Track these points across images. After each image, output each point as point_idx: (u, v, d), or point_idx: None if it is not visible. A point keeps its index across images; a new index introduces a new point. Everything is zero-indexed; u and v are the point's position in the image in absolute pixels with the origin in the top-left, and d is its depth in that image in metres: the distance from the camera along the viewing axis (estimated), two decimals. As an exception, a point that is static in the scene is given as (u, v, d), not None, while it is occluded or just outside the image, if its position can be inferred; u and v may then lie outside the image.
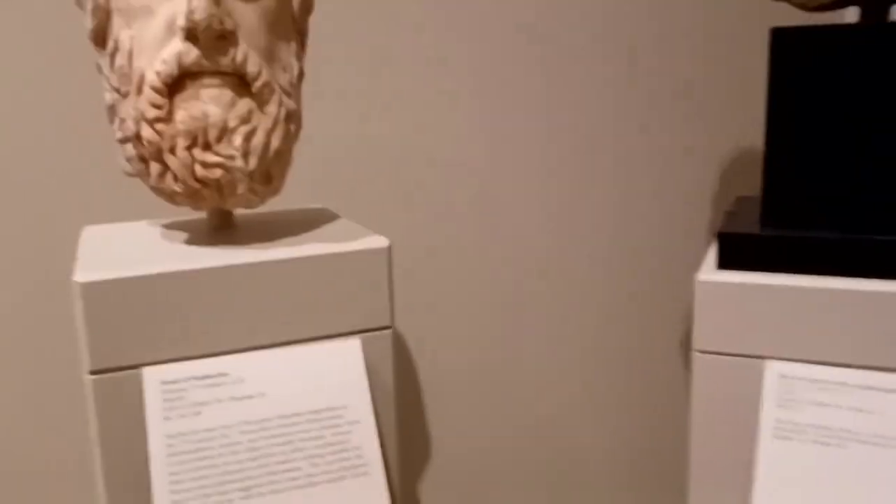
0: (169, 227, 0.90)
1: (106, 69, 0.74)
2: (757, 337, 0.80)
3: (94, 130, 0.94)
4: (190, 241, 0.82)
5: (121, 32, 0.72)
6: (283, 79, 0.76)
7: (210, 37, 0.69)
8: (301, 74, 0.81)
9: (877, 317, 0.75)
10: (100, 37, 0.75)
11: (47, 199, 1.03)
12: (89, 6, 0.73)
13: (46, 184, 1.03)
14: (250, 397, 0.74)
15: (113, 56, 0.73)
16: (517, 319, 1.35)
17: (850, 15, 0.85)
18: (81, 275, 0.69)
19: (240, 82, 0.72)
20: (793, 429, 0.77)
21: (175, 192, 0.74)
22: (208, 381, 0.73)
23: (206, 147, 0.72)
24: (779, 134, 0.83)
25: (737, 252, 0.83)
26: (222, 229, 0.86)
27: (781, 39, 0.81)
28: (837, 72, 0.79)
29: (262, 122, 0.74)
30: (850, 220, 0.80)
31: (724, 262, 0.84)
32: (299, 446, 0.74)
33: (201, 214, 0.87)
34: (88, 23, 0.74)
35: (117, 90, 0.73)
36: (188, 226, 0.89)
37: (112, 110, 0.74)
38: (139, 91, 0.71)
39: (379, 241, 0.80)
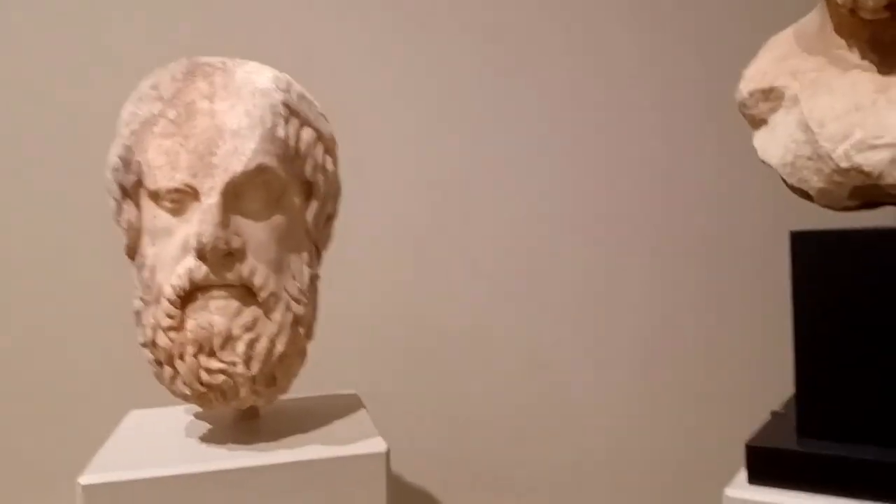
0: (198, 416, 0.94)
1: (135, 279, 0.82)
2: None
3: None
4: (207, 438, 0.86)
5: (147, 249, 0.80)
6: (292, 286, 0.81)
7: (217, 255, 0.75)
8: (314, 278, 0.85)
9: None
10: (132, 251, 0.83)
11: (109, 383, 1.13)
12: (124, 225, 0.83)
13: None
14: None
15: (140, 269, 0.81)
16: None
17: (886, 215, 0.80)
18: (86, 477, 0.74)
19: (247, 292, 0.78)
20: None
21: (185, 395, 0.79)
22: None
23: (211, 354, 0.76)
24: (806, 342, 0.77)
25: (767, 466, 0.76)
26: (246, 419, 0.90)
27: (803, 244, 0.77)
28: (864, 276, 0.73)
29: (268, 329, 0.78)
30: (885, 433, 0.72)
31: (755, 477, 0.77)
32: None
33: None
34: (124, 239, 0.83)
35: (142, 299, 0.80)
36: (216, 416, 0.93)
37: (138, 316, 0.81)
38: (157, 301, 0.78)
39: (377, 446, 0.81)
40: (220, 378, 0.77)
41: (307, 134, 0.83)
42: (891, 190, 0.71)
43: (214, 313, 0.76)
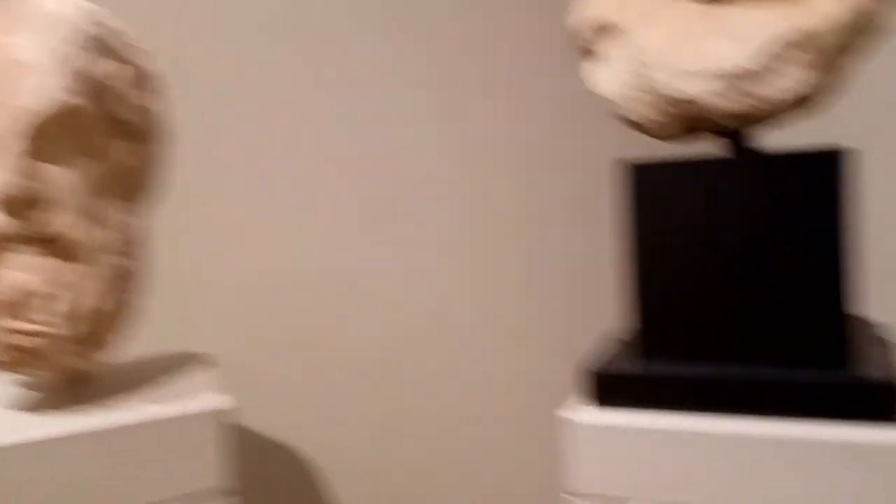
0: (23, 384, 0.87)
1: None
2: (622, 478, 0.74)
3: None
4: (30, 406, 0.79)
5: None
6: (111, 238, 0.74)
7: (20, 206, 0.68)
8: (138, 228, 0.79)
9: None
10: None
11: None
12: None
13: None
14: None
15: (-67, 225, 0.72)
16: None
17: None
18: None
19: (59, 247, 0.71)
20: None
21: (-2, 362, 0.72)
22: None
23: (22, 315, 0.69)
24: (646, 269, 0.79)
25: (612, 390, 0.79)
26: (76, 383, 0.83)
27: (640, 173, 0.78)
28: (701, 203, 0.76)
29: (87, 286, 0.72)
30: (723, 351, 0.76)
31: (600, 400, 0.79)
32: None
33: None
34: None
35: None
36: (42, 383, 0.86)
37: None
38: (-47, 260, 0.70)
39: (215, 403, 0.76)
40: (35, 341, 0.70)
41: (121, 70, 0.76)
42: (717, 118, 0.73)
43: (21, 270, 0.69)
